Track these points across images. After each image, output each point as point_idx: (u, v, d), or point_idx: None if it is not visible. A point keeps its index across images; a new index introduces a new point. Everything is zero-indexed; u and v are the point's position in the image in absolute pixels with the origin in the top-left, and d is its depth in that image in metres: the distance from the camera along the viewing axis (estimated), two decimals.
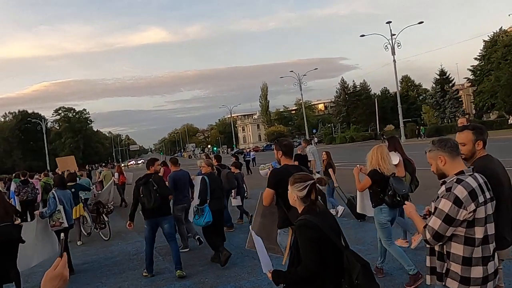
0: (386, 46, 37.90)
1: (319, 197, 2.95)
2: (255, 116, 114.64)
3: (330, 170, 8.49)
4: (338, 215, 7.95)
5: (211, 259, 6.16)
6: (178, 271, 5.59)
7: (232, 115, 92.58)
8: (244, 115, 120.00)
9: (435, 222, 2.28)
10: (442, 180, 2.42)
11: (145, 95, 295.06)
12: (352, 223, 7.62)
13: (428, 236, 2.31)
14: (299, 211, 2.50)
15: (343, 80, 70.11)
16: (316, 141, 66.02)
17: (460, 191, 2.23)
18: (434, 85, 54.64)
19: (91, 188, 10.82)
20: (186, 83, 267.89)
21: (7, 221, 5.19)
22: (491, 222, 2.35)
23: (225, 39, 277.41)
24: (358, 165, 4.95)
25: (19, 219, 5.88)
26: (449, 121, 49.33)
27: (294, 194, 2.49)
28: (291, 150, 3.86)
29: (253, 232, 2.90)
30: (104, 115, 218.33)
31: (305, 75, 57.01)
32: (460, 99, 53.91)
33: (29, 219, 10.12)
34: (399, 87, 75.59)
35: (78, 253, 7.92)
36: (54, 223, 6.34)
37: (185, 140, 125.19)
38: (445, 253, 2.37)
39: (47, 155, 62.20)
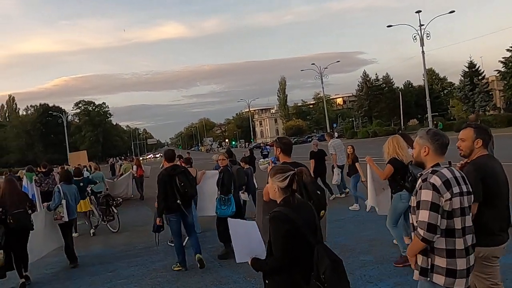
0: (414, 37, 36.16)
1: (318, 192, 3.17)
2: (273, 111, 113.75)
3: (357, 164, 8.34)
4: (367, 210, 7.50)
5: (219, 257, 6.11)
6: (198, 254, 5.69)
7: (250, 109, 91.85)
8: (262, 109, 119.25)
9: (423, 215, 2.29)
10: (419, 173, 2.53)
11: (162, 89, 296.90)
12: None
13: (422, 232, 2.29)
14: (278, 203, 2.49)
15: (365, 73, 68.37)
16: (336, 135, 64.57)
17: (435, 180, 2.31)
18: (462, 78, 52.56)
19: (98, 182, 10.90)
20: (202, 77, 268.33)
21: (21, 208, 5.55)
22: (468, 215, 2.42)
23: (242, 34, 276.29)
24: (368, 156, 5.08)
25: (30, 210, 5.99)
26: None
27: (275, 185, 2.49)
28: (290, 148, 3.90)
29: (230, 220, 2.84)
30: (122, 109, 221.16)
31: (326, 68, 55.41)
32: (490, 93, 51.72)
33: None
34: (423, 80, 74.32)
35: (89, 245, 7.97)
36: (56, 216, 6.57)
37: (202, 134, 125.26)
38: (429, 248, 2.37)
39: (67, 148, 62.64)
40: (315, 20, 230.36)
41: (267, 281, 2.51)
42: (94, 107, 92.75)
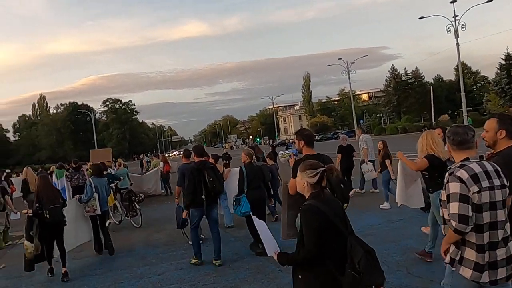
0: (448, 28, 34.64)
1: (342, 185, 3.12)
2: (297, 107, 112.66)
3: (387, 161, 8.14)
4: (398, 205, 7.56)
5: (250, 246, 6.11)
6: (217, 261, 5.65)
7: (274, 106, 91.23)
8: (285, 106, 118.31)
9: (454, 207, 2.30)
10: (448, 167, 2.59)
11: (186, 87, 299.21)
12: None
13: (454, 224, 2.29)
14: (306, 197, 2.53)
15: (393, 67, 66.33)
16: (364, 131, 63.22)
17: (462, 174, 2.32)
18: (498, 71, 50.10)
19: (122, 178, 10.93)
20: (225, 75, 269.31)
21: (55, 203, 5.80)
22: (501, 209, 2.39)
23: (263, 31, 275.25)
24: (399, 151, 4.91)
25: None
26: None
27: (304, 181, 2.52)
28: (312, 140, 3.90)
29: (254, 218, 3.08)
30: (146, 107, 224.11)
31: (353, 62, 54.36)
32: None
33: None
34: (453, 74, 71.54)
35: (131, 243, 7.64)
36: (88, 209, 6.77)
37: (225, 131, 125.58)
38: (460, 240, 2.39)
39: (95, 146, 64.00)
40: (338, 15, 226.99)
41: (300, 276, 2.50)
42: (121, 105, 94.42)
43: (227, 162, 12.02)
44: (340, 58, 53.33)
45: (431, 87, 58.13)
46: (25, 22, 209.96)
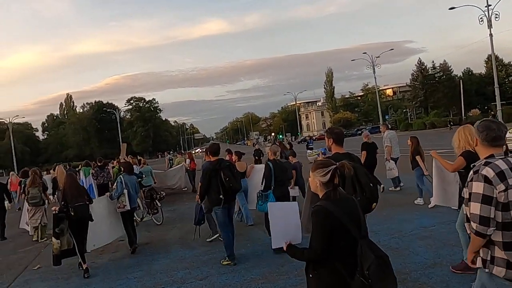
0: (481, 18, 33.11)
1: (371, 184, 3.21)
2: (319, 103, 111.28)
3: (418, 157, 7.92)
4: (429, 206, 7.44)
5: (274, 251, 5.69)
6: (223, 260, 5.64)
7: (295, 103, 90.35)
8: (307, 102, 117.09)
9: (475, 207, 2.24)
10: (472, 164, 2.48)
11: (207, 85, 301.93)
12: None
13: (474, 226, 2.24)
14: (320, 197, 2.47)
15: (420, 61, 64.25)
16: (389, 127, 61.67)
17: (488, 172, 2.22)
18: None
19: (145, 176, 10.92)
20: (245, 72, 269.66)
21: (80, 201, 5.92)
22: None
23: (284, 27, 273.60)
24: (433, 151, 4.63)
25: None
26: None
27: (317, 180, 2.46)
28: (342, 138, 3.80)
29: (270, 204, 3.02)
30: (169, 106, 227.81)
31: (378, 57, 52.80)
32: None
33: None
34: (483, 67, 68.59)
35: (167, 245, 7.36)
36: (119, 205, 6.91)
37: (247, 128, 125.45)
38: (489, 239, 2.32)
39: (120, 144, 64.73)
40: (359, 10, 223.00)
41: (310, 275, 2.46)
42: (144, 103, 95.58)
43: (258, 158, 11.71)
44: (365, 53, 52.03)
45: (461, 80, 56.00)
46: (51, 25, 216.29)
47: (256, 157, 11.54)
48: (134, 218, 8.82)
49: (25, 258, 7.37)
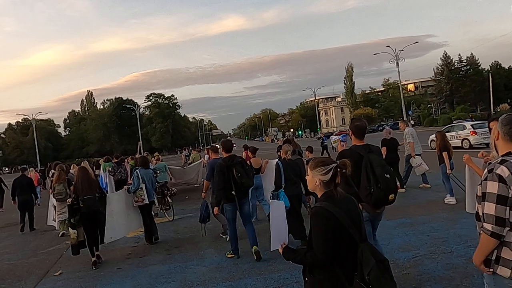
0: None
1: (387, 175, 3.21)
2: (339, 99, 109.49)
3: (445, 154, 7.59)
4: (445, 200, 7.53)
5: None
6: (255, 246, 5.59)
7: (314, 98, 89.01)
8: (326, 98, 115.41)
9: (489, 207, 2.16)
10: (488, 162, 2.58)
11: (224, 81, 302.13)
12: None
13: (490, 227, 2.14)
14: (319, 197, 2.35)
15: (445, 54, 62.03)
16: (412, 123, 59.91)
17: (502, 171, 2.14)
18: None
19: (159, 172, 10.62)
20: (263, 68, 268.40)
21: (90, 194, 6.02)
22: None
23: (302, 23, 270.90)
24: (481, 151, 4.22)
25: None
26: None
27: (316, 179, 2.32)
28: (362, 131, 3.70)
29: (274, 201, 3.11)
30: (187, 102, 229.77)
31: (402, 50, 51.12)
32: None
33: None
34: None
35: (199, 249, 6.67)
36: (137, 199, 7.00)
37: (265, 125, 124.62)
38: None
39: (140, 139, 65.18)
40: (378, 4, 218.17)
41: (307, 279, 2.34)
42: (163, 99, 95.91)
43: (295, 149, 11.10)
44: (388, 46, 50.40)
45: (490, 73, 53.73)
46: (73, 23, 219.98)
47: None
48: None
49: (46, 261, 6.81)
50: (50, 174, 14.51)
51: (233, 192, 5.48)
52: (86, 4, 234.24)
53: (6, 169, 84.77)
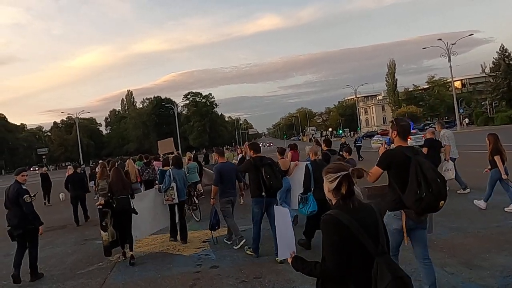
0: None
1: (438, 180, 3.07)
2: (379, 97, 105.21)
3: (497, 158, 7.03)
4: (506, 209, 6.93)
5: (298, 242, 5.64)
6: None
7: (354, 97, 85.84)
8: (366, 97, 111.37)
9: None
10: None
11: (259, 81, 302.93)
12: None
13: None
14: (332, 204, 2.27)
15: (503, 47, 57.32)
16: (467, 122, 55.90)
17: None
18: None
19: (188, 172, 10.53)
20: (298, 67, 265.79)
21: (123, 194, 6.33)
22: None
23: (339, 20, 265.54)
24: None
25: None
26: None
27: (326, 186, 2.25)
28: (407, 131, 3.61)
29: (278, 208, 2.73)
30: (222, 102, 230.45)
31: (454, 43, 47.67)
32: None
33: None
34: None
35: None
36: (167, 197, 7.10)
37: (302, 124, 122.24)
38: None
39: (178, 138, 65.23)
40: (417, 0, 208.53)
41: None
42: (201, 98, 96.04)
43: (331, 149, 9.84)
44: (440, 39, 47.19)
45: None
46: (114, 26, 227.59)
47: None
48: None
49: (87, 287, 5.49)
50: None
51: (263, 193, 5.53)
52: (127, 6, 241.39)
53: (51, 166, 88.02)
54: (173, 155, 10.72)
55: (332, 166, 2.30)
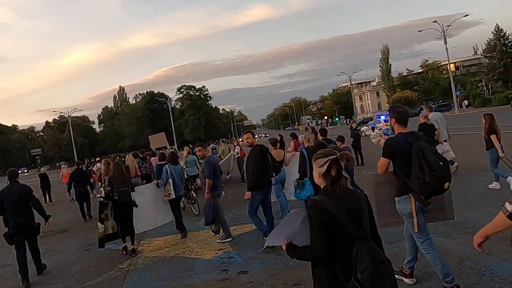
0: None
1: (441, 163, 3.13)
2: (374, 83, 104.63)
3: (493, 137, 7.12)
4: (489, 186, 7.31)
5: None
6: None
7: (348, 84, 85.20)
8: (361, 83, 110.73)
9: None
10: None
11: (251, 72, 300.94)
12: None
13: (511, 208, 2.00)
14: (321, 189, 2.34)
15: (498, 27, 56.77)
16: (466, 103, 55.53)
17: None
18: None
19: (187, 165, 10.55)
20: (290, 57, 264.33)
21: (125, 187, 6.49)
22: None
23: (328, 8, 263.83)
24: None
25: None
26: None
27: (316, 171, 2.30)
28: (406, 117, 3.64)
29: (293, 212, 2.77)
30: (215, 94, 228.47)
31: (449, 25, 47.02)
32: None
33: None
34: None
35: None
36: (165, 193, 7.27)
37: (297, 113, 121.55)
38: None
39: (173, 133, 64.40)
40: None
41: (315, 269, 2.30)
42: (195, 91, 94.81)
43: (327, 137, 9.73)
44: (435, 21, 46.58)
45: None
46: (103, 22, 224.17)
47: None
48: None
49: None
50: (95, 169, 15.80)
51: (273, 176, 5.75)
52: (116, 2, 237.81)
53: (46, 166, 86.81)
54: (170, 151, 10.60)
55: (321, 151, 2.35)
